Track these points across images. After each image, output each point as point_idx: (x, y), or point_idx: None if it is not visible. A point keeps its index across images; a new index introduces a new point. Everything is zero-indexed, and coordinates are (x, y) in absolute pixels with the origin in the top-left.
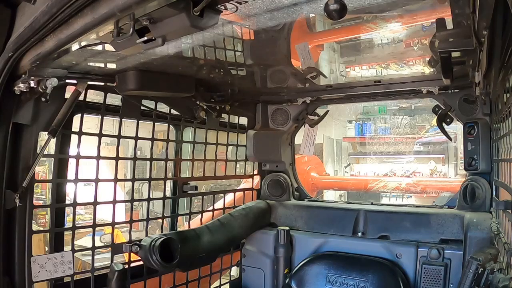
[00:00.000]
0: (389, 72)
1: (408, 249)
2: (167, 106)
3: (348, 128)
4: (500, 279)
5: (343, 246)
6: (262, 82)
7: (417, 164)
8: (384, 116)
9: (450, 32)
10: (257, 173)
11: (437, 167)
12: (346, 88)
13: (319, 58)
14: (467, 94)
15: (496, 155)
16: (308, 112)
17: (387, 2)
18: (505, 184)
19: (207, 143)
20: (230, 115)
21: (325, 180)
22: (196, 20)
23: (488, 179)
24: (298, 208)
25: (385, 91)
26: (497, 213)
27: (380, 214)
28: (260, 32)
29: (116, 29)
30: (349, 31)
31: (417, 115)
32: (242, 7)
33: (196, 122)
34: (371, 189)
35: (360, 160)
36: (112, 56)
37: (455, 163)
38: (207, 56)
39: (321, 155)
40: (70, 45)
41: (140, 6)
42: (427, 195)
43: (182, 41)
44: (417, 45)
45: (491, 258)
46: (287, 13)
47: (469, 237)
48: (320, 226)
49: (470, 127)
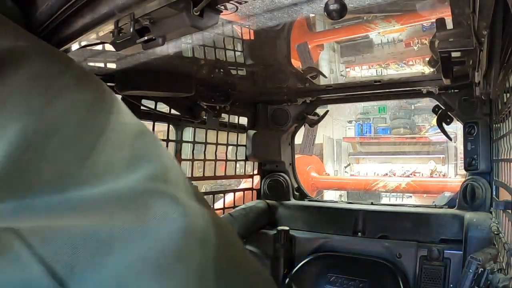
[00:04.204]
0: (389, 72)
1: (408, 249)
2: (167, 106)
3: (348, 128)
4: (500, 279)
5: (343, 246)
6: (262, 82)
7: (417, 164)
8: (384, 116)
9: (450, 32)
10: (257, 173)
11: (437, 167)
12: (346, 88)
13: (319, 58)
14: (467, 94)
15: (496, 155)
16: (308, 112)
17: (387, 2)
18: (505, 184)
19: (207, 143)
20: (230, 115)
21: (325, 180)
22: (196, 20)
23: (488, 179)
24: (298, 208)
25: (385, 91)
26: (497, 213)
27: (380, 214)
28: (260, 32)
29: (116, 29)
30: (349, 31)
31: (417, 115)
32: (242, 7)
33: (196, 122)
34: (371, 189)
35: (360, 160)
36: (112, 56)
37: (455, 163)
38: (207, 56)
39: (321, 155)
40: (70, 45)
41: (140, 6)
42: (427, 195)
43: (182, 41)
44: (417, 45)
45: (491, 258)
46: (287, 13)
47: (469, 237)
48: (320, 226)
49: (470, 127)
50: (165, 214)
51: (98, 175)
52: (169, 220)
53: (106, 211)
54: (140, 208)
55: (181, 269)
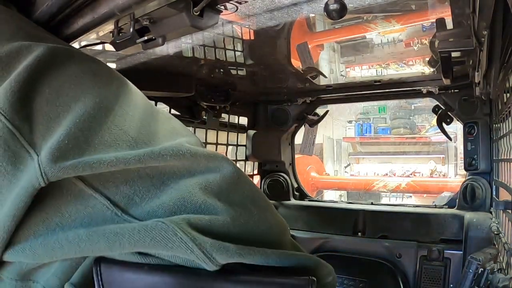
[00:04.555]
0: (389, 72)
1: (408, 249)
2: (167, 106)
3: (348, 128)
4: (500, 279)
5: (343, 246)
6: (262, 82)
7: (417, 164)
8: (384, 116)
9: (450, 32)
10: (257, 173)
11: (437, 167)
12: (346, 88)
13: (319, 58)
14: (467, 94)
15: (496, 155)
16: (308, 112)
17: (387, 2)
18: (505, 184)
19: (207, 143)
20: (230, 115)
21: (325, 180)
22: (196, 20)
23: (488, 179)
24: (298, 208)
25: (385, 91)
26: (497, 213)
27: (380, 214)
28: (260, 32)
29: (116, 29)
30: (349, 31)
31: (417, 115)
32: (242, 7)
33: (196, 122)
34: (371, 189)
35: (360, 160)
36: (112, 56)
37: (455, 163)
38: (207, 56)
39: (321, 155)
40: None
41: (140, 6)
42: (427, 195)
43: (182, 41)
44: (417, 45)
45: (491, 258)
46: (287, 13)
47: (469, 237)
48: (320, 226)
49: (470, 127)
50: (217, 159)
51: (153, 139)
52: (223, 167)
53: (165, 159)
54: (191, 159)
55: (237, 192)
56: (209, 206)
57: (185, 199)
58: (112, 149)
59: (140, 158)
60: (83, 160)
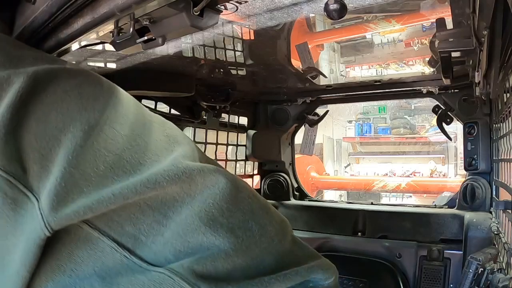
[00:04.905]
0: (389, 72)
1: (408, 249)
2: (167, 106)
3: (348, 128)
4: (500, 279)
5: (343, 246)
6: (262, 82)
7: (417, 164)
8: (384, 116)
9: (450, 32)
10: (257, 173)
11: (437, 167)
12: (346, 88)
13: (319, 58)
14: (467, 94)
15: (496, 155)
16: (308, 112)
17: (387, 2)
18: (505, 184)
19: (207, 143)
20: (230, 115)
21: (325, 180)
22: (196, 20)
23: (488, 179)
24: (298, 208)
25: (385, 91)
26: (497, 213)
27: (380, 214)
28: (260, 32)
29: (116, 29)
30: (349, 31)
31: (417, 115)
32: (242, 7)
33: (196, 122)
34: (371, 189)
35: (360, 160)
36: (112, 56)
37: (455, 163)
38: (207, 56)
39: (321, 155)
40: (70, 45)
41: (140, 6)
42: (427, 195)
43: (182, 41)
44: (417, 45)
45: (491, 258)
46: (287, 13)
47: (469, 237)
48: (320, 226)
49: (470, 127)
50: (213, 177)
51: (148, 156)
52: (218, 182)
53: (161, 186)
54: (187, 180)
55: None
56: (211, 239)
57: (187, 235)
58: (109, 180)
59: (137, 190)
60: (84, 203)
